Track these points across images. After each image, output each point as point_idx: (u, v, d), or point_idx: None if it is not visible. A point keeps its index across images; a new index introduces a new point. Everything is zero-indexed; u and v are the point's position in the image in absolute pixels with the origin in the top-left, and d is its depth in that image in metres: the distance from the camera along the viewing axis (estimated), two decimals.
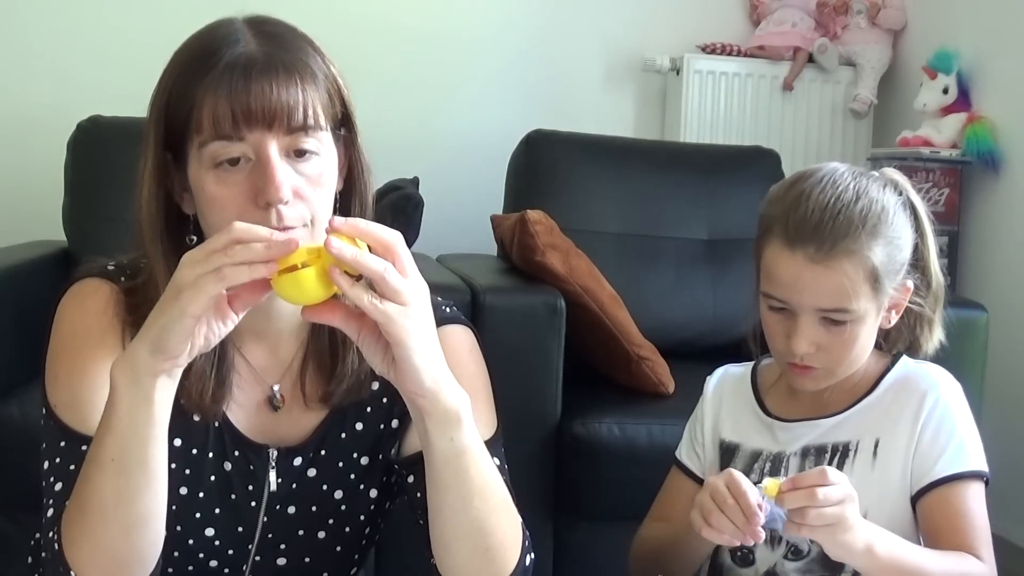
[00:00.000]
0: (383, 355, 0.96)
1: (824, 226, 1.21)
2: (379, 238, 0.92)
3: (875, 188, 1.25)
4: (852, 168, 1.28)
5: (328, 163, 1.06)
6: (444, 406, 0.97)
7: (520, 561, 1.07)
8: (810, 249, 1.21)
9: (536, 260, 2.17)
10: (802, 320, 1.23)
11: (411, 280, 0.93)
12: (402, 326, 0.92)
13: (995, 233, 2.89)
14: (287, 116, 1.01)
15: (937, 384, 1.28)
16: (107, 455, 0.95)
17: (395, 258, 0.92)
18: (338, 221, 0.90)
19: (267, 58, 1.02)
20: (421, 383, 0.95)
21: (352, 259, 0.89)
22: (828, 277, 1.21)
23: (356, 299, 0.90)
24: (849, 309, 1.22)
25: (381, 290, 0.91)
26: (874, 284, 1.22)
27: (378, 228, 0.92)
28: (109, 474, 0.95)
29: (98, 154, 2.49)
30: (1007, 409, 2.59)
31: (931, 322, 1.32)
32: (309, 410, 1.16)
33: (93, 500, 0.96)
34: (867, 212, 1.22)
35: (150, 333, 0.92)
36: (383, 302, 0.91)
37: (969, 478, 1.23)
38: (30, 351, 1.19)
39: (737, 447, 1.35)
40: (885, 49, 3.29)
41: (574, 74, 3.26)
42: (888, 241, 1.23)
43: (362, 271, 0.90)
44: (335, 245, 0.88)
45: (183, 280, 0.89)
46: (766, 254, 1.26)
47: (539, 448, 2.10)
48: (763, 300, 1.28)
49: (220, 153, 1.02)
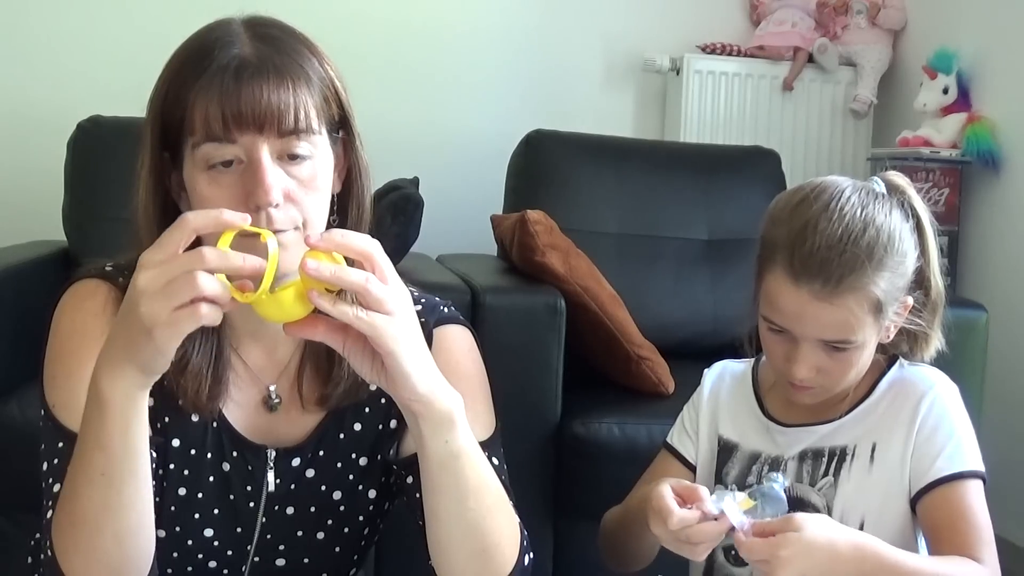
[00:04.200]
0: (371, 364, 0.95)
1: (830, 263, 1.19)
2: (357, 249, 0.91)
3: (881, 212, 1.23)
4: (857, 187, 1.25)
5: (322, 166, 1.06)
6: (438, 409, 0.97)
7: (519, 561, 1.07)
8: (815, 286, 1.19)
9: (536, 260, 2.17)
10: (803, 347, 1.23)
11: (392, 287, 0.92)
12: (390, 335, 0.91)
13: (995, 233, 2.89)
14: (278, 119, 1.01)
15: (934, 386, 1.28)
16: (96, 470, 0.94)
17: (374, 267, 0.91)
18: (313, 238, 0.89)
19: (260, 61, 1.02)
20: (414, 388, 0.95)
21: (331, 277, 0.88)
22: (832, 313, 1.20)
23: (341, 316, 0.89)
24: (852, 340, 1.22)
25: (365, 301, 0.90)
26: (877, 314, 1.22)
27: (355, 239, 0.91)
28: (99, 488, 0.95)
29: (98, 154, 2.49)
30: (1007, 409, 2.59)
31: (928, 332, 1.31)
32: (307, 411, 1.16)
33: (83, 513, 0.96)
34: (874, 244, 1.20)
35: (134, 361, 0.89)
36: (368, 314, 0.90)
37: (968, 477, 1.23)
38: (30, 351, 1.19)
39: (736, 446, 1.35)
40: (885, 49, 3.29)
41: (574, 74, 3.26)
42: (893, 270, 1.22)
43: (343, 287, 0.89)
44: (311, 266, 0.87)
45: (155, 318, 0.85)
46: (768, 280, 1.24)
47: (539, 448, 2.10)
48: (763, 321, 1.27)
49: (212, 155, 1.01)
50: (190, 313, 0.86)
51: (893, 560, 1.14)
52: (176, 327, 0.86)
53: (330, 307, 0.89)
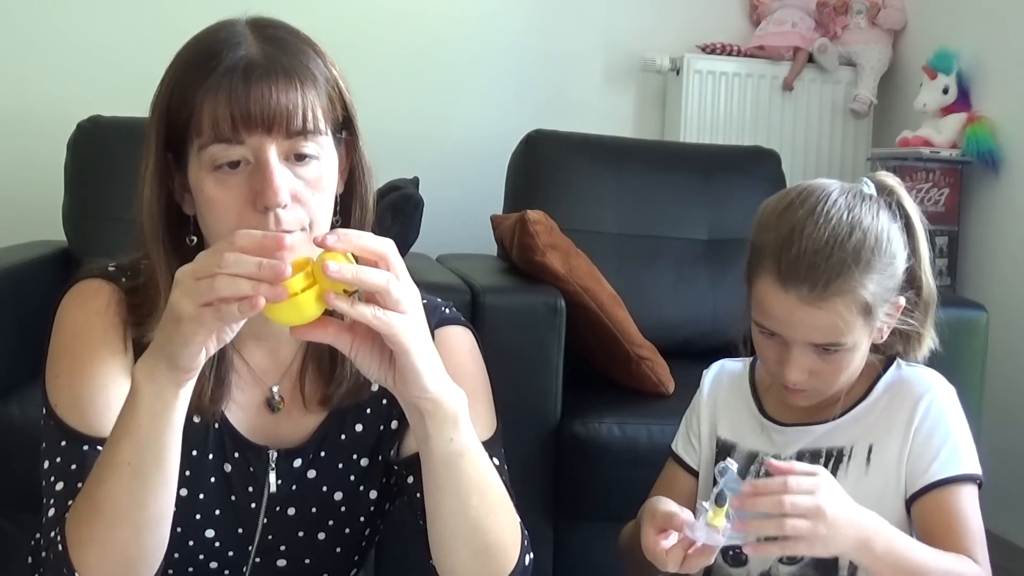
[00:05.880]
0: (379, 363, 0.96)
1: (817, 268, 1.19)
2: (373, 249, 0.91)
3: (868, 214, 1.23)
4: (844, 190, 1.25)
5: (328, 167, 1.06)
6: (445, 407, 0.98)
7: (519, 561, 1.07)
8: (803, 290, 1.20)
9: (536, 260, 2.17)
10: (794, 351, 1.23)
11: (406, 286, 0.93)
12: (407, 334, 0.92)
13: (995, 233, 2.89)
14: (286, 120, 1.01)
15: (931, 388, 1.28)
16: (123, 458, 0.95)
17: (389, 266, 0.92)
18: (330, 239, 0.89)
19: (268, 62, 1.02)
20: (424, 386, 0.95)
21: (353, 278, 0.89)
22: (821, 317, 1.20)
23: (360, 316, 0.90)
24: (842, 343, 1.22)
25: (384, 301, 0.90)
26: (867, 316, 1.22)
27: (370, 239, 0.92)
28: (125, 476, 0.95)
29: (98, 154, 2.49)
30: (1007, 409, 2.59)
31: (921, 332, 1.31)
32: (308, 412, 1.16)
33: (106, 502, 0.96)
34: (860, 247, 1.20)
35: (164, 351, 0.92)
36: (386, 313, 0.90)
37: (963, 481, 1.23)
38: (30, 351, 1.20)
39: (733, 447, 1.35)
40: (885, 49, 3.29)
41: (574, 74, 3.26)
42: (881, 271, 1.22)
43: (364, 288, 0.90)
44: (333, 268, 0.87)
45: (182, 311, 0.88)
46: (758, 285, 1.25)
47: (539, 448, 2.10)
48: (754, 325, 1.28)
49: (219, 156, 1.01)
50: (213, 311, 0.88)
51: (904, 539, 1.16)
52: (200, 322, 0.88)
53: (349, 308, 0.89)
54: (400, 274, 0.92)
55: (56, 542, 0.99)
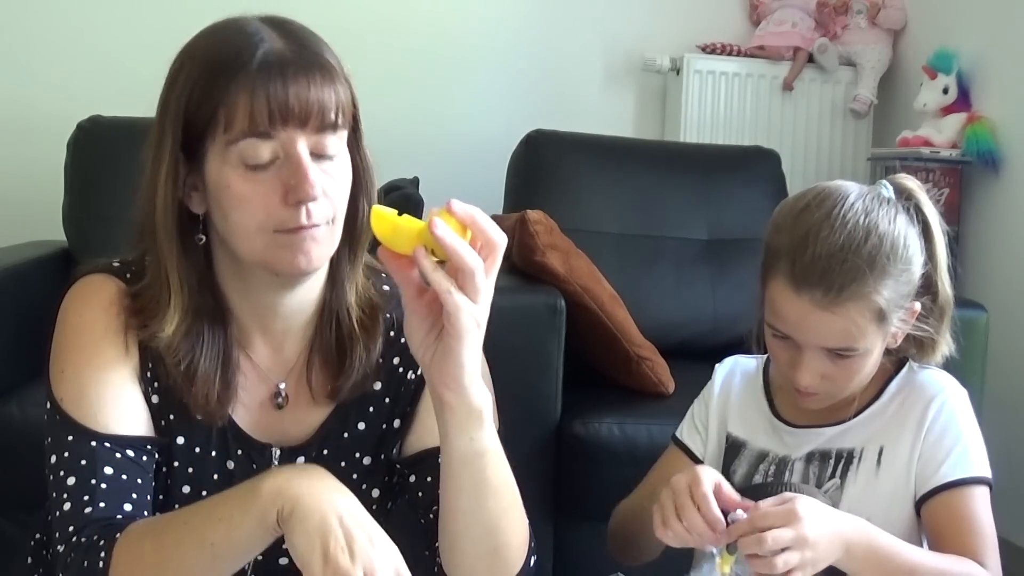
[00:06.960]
0: (425, 335, 0.96)
1: (831, 272, 1.18)
2: (488, 237, 0.93)
3: (884, 219, 1.21)
4: (862, 193, 1.23)
5: (346, 162, 1.07)
6: (469, 404, 0.98)
7: (525, 563, 1.07)
8: (816, 294, 1.18)
9: (536, 260, 2.17)
10: (806, 354, 1.22)
11: (490, 283, 0.94)
12: (468, 322, 0.93)
13: (995, 233, 2.89)
14: (321, 114, 1.02)
15: (943, 390, 1.27)
16: (211, 538, 0.96)
17: (490, 257, 0.93)
18: (457, 205, 0.91)
19: (298, 57, 1.02)
20: (458, 376, 0.96)
21: (451, 248, 0.90)
22: (834, 322, 1.19)
23: (436, 284, 0.91)
24: (855, 348, 1.21)
25: (464, 283, 0.92)
26: (880, 322, 1.21)
27: (491, 226, 0.93)
28: (204, 553, 0.97)
29: (98, 154, 2.49)
30: (1007, 409, 2.59)
31: (936, 338, 1.30)
32: (314, 407, 1.16)
33: (173, 562, 0.97)
34: (876, 253, 1.19)
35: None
36: (460, 294, 0.91)
37: (973, 483, 1.22)
38: (30, 351, 1.19)
39: (744, 444, 1.35)
40: (885, 49, 3.29)
41: (574, 74, 3.26)
42: (896, 277, 1.20)
43: (455, 261, 0.91)
44: (440, 228, 0.89)
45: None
46: (771, 287, 1.24)
47: (539, 448, 2.10)
48: (767, 327, 1.27)
49: (249, 152, 1.01)
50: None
51: (895, 544, 1.15)
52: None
53: (430, 271, 0.91)
54: (492, 269, 0.93)
55: (96, 547, 0.99)
